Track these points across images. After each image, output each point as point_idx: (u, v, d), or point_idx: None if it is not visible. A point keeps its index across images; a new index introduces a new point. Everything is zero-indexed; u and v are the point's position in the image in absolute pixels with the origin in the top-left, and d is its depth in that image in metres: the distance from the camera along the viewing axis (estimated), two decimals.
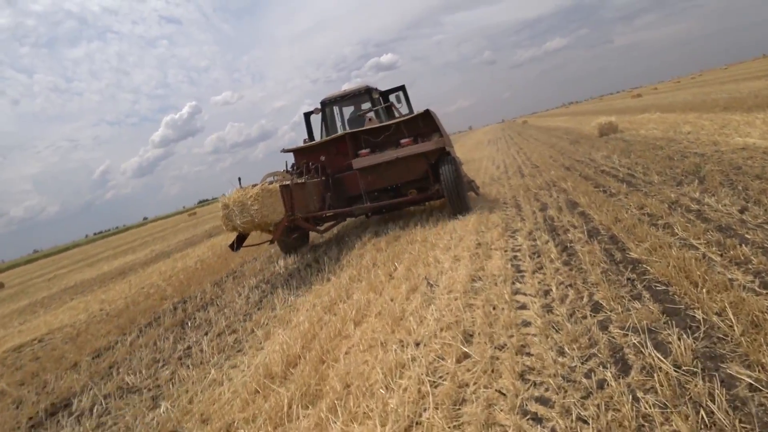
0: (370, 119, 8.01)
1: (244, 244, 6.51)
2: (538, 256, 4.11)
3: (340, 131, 8.47)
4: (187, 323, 5.35)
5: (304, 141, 8.53)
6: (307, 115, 9.09)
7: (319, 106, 8.75)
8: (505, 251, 4.51)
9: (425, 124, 7.20)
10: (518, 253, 4.36)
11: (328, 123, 8.80)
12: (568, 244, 4.20)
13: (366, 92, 8.70)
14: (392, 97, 9.30)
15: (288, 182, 6.24)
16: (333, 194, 7.62)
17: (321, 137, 8.50)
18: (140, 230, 52.99)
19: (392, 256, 5.43)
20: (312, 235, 8.58)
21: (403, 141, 7.05)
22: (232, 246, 6.41)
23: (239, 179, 6.30)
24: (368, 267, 5.28)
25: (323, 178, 7.54)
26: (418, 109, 7.96)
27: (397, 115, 8.66)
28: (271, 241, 6.45)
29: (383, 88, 9.55)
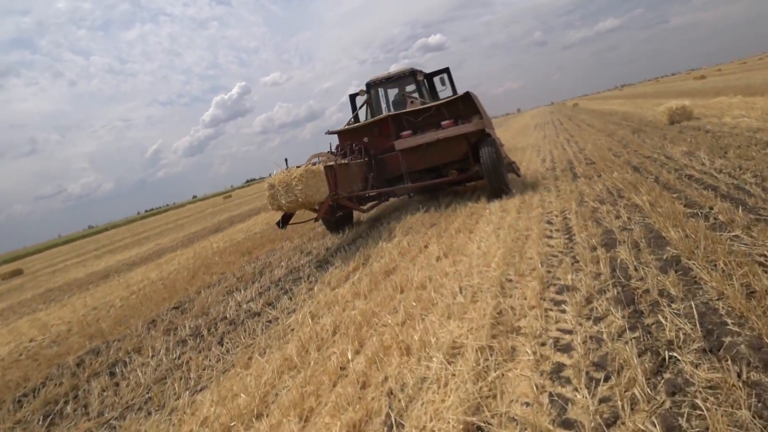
0: (412, 101, 8.20)
1: (291, 222, 6.72)
2: (607, 379, 2.07)
3: (384, 113, 8.47)
4: (61, 403, 3.68)
5: (348, 123, 8.60)
6: (353, 97, 9.24)
7: (364, 88, 8.94)
8: (542, 345, 2.48)
9: (465, 106, 7.25)
10: (566, 359, 2.31)
11: (372, 104, 8.95)
12: (667, 354, 2.13)
13: (410, 74, 8.78)
14: (436, 80, 9.24)
15: (332, 163, 6.38)
16: (376, 174, 7.75)
17: (366, 118, 8.66)
18: (170, 215, 52.31)
19: (362, 321, 3.46)
20: (356, 214, 8.56)
21: (444, 123, 7.08)
22: (278, 224, 6.60)
23: (286, 160, 6.41)
24: (319, 342, 3.34)
25: (366, 159, 7.69)
26: (462, 91, 7.76)
27: (440, 97, 8.82)
28: (316, 219, 6.63)
29: (428, 70, 9.47)
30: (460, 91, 7.98)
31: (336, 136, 8.15)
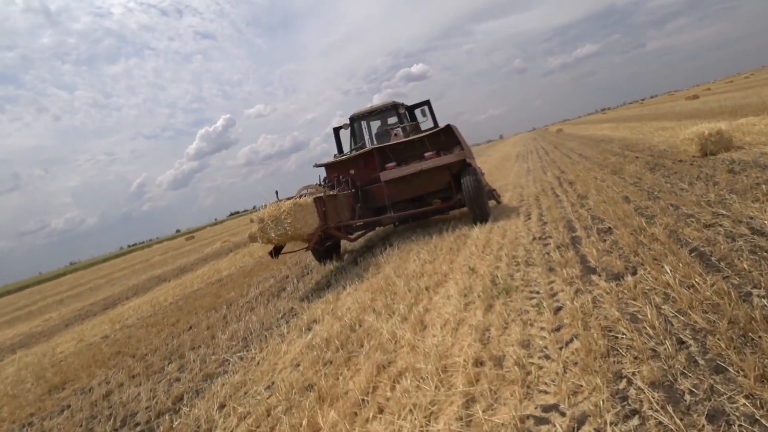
0: (395, 134, 8.53)
1: (283, 252, 6.79)
2: None
3: (368, 145, 8.77)
4: None
5: (335, 156, 8.63)
6: (337, 130, 9.28)
7: (348, 122, 9.06)
8: None
9: (447, 137, 7.45)
10: None
11: (356, 137, 9.02)
12: None
13: (393, 107, 8.93)
14: (417, 112, 9.30)
15: (321, 194, 6.42)
16: (362, 205, 7.79)
17: (350, 151, 8.77)
18: (128, 258, 47.82)
19: None
20: (344, 244, 8.66)
21: (426, 154, 7.31)
22: (271, 254, 6.60)
23: (276, 192, 6.72)
24: None
25: (353, 190, 7.77)
26: (442, 121, 8.43)
27: (421, 128, 8.93)
28: (307, 248, 6.61)
29: (410, 101, 9.81)
30: (441, 122, 7.87)
31: (323, 168, 8.24)
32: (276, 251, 6.59)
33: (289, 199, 6.18)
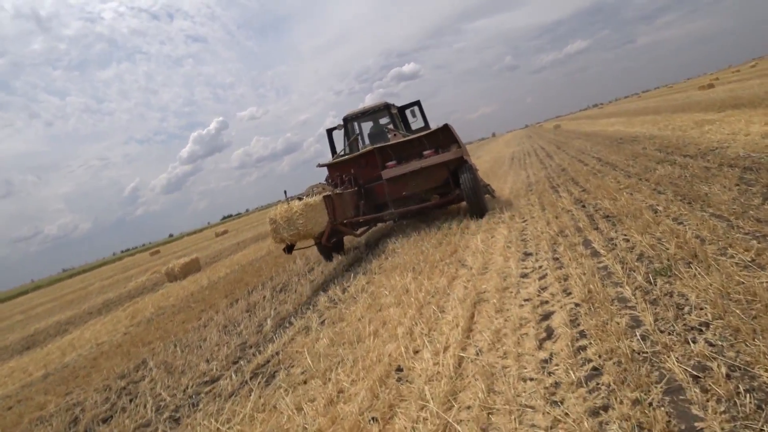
0: (394, 134, 8.44)
1: (296, 248, 6.85)
2: None
3: (361, 145, 9.00)
4: None
5: (335, 156, 8.79)
6: (330, 131, 9.39)
7: (341, 122, 9.23)
8: None
9: (444, 136, 7.53)
10: None
11: (350, 138, 9.08)
12: None
13: (385, 108, 9.08)
14: (408, 112, 9.46)
15: (329, 193, 6.68)
16: (365, 202, 8.01)
17: (344, 151, 8.95)
18: (82, 279, 44.03)
19: None
20: (347, 240, 8.90)
21: (425, 152, 7.43)
22: (285, 250, 6.76)
23: (285, 192, 6.72)
24: None
25: (356, 188, 7.92)
26: (433, 120, 8.90)
27: (411, 128, 9.55)
28: (321, 244, 7.12)
29: (401, 102, 9.86)
30: (432, 121, 8.72)
31: (326, 168, 8.32)
32: (289, 249, 6.67)
33: (299, 198, 6.31)
